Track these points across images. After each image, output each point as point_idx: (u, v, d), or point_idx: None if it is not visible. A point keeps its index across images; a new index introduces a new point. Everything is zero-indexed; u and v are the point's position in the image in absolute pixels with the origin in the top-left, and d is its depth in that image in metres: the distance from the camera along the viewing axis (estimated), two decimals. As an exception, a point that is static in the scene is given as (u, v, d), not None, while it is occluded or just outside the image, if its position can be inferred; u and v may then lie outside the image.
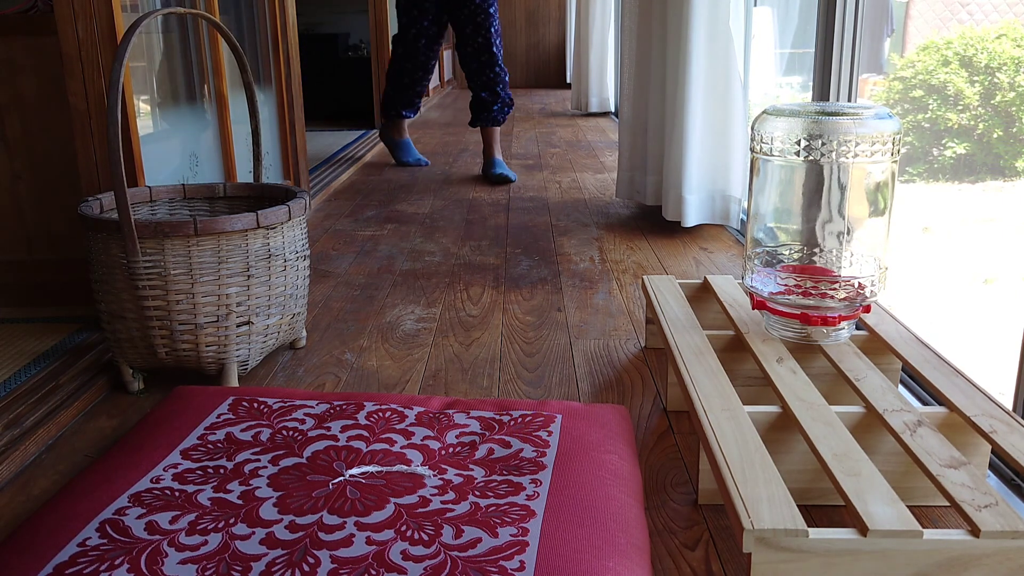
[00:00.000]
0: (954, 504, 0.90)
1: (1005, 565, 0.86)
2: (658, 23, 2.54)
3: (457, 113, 6.67)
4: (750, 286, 1.35)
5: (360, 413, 1.28)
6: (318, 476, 1.10)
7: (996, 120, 5.15)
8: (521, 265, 2.29)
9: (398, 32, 3.62)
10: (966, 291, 3.52)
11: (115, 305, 1.44)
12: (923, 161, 5.33)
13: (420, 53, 3.60)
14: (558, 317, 1.87)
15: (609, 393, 1.49)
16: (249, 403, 1.32)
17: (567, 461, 1.13)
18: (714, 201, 2.54)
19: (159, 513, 1.02)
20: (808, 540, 0.86)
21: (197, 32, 2.24)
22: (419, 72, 3.68)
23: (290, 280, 1.55)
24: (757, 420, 1.10)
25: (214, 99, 2.37)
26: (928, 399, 1.38)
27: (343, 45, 7.03)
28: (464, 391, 1.51)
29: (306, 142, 3.22)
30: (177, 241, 1.39)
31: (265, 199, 1.72)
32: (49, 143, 1.85)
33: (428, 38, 3.57)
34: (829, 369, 1.33)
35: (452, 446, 1.18)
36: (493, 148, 3.61)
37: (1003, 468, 1.18)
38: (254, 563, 0.92)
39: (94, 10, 1.64)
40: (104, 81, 1.67)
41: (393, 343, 1.74)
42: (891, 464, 1.10)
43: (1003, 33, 5.20)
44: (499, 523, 0.99)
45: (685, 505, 1.14)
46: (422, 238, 2.61)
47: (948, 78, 5.21)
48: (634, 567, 0.93)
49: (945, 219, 4.73)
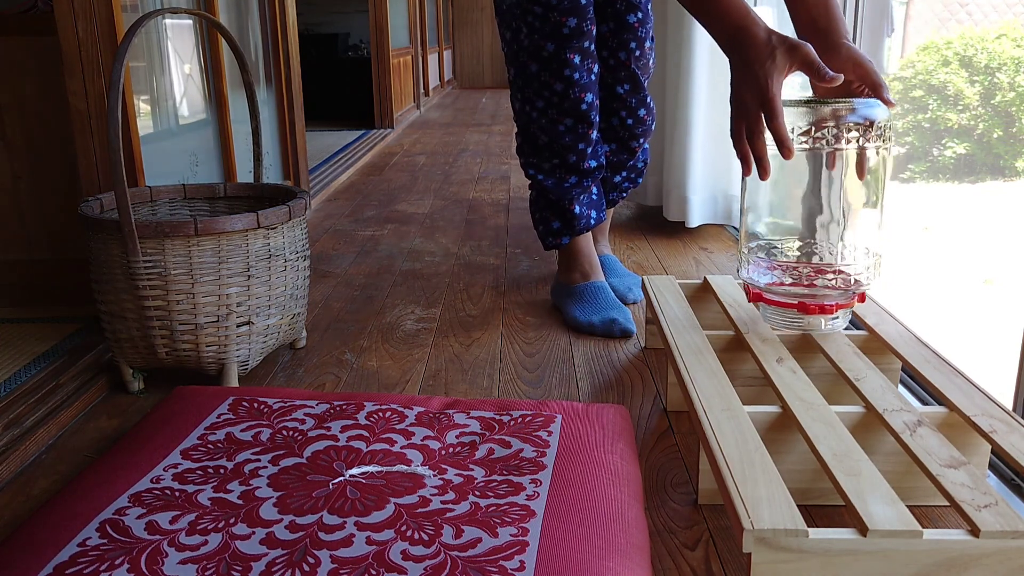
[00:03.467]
0: (954, 504, 0.90)
1: (1005, 565, 0.86)
2: (659, 22, 2.54)
3: (457, 113, 6.68)
4: (746, 278, 1.36)
5: (360, 413, 1.28)
6: (318, 476, 1.10)
7: (996, 120, 5.15)
8: (521, 265, 2.29)
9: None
10: (966, 291, 3.52)
11: (115, 305, 1.44)
12: (923, 161, 5.33)
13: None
14: (558, 317, 1.87)
15: (609, 393, 1.49)
16: (249, 403, 1.32)
17: (567, 461, 1.13)
18: (716, 201, 2.54)
19: (159, 513, 1.02)
20: (808, 540, 0.86)
21: (199, 32, 2.24)
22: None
23: (290, 280, 1.55)
24: (757, 420, 1.10)
25: (214, 99, 2.37)
26: (928, 399, 1.38)
27: (343, 45, 7.04)
28: (464, 391, 1.51)
29: (306, 142, 3.22)
30: (177, 241, 1.39)
31: (265, 199, 1.73)
32: (49, 143, 1.85)
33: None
34: (829, 369, 1.33)
35: (452, 446, 1.18)
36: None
37: (1003, 468, 1.18)
38: (254, 563, 0.92)
39: (94, 10, 1.64)
40: (104, 81, 1.67)
41: (393, 343, 1.74)
42: (891, 464, 1.10)
43: (1003, 33, 5.21)
44: (499, 523, 0.99)
45: (685, 505, 1.14)
46: (422, 238, 2.61)
47: (948, 78, 5.21)
48: (634, 567, 0.93)
49: (945, 219, 4.73)
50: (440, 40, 8.96)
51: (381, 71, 5.54)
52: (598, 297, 1.83)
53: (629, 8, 1.80)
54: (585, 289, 1.85)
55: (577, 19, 1.69)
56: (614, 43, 1.83)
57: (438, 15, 8.84)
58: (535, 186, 1.88)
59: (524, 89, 1.79)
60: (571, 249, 1.89)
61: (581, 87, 1.73)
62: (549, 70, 1.73)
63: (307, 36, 6.22)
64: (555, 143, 1.79)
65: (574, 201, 1.84)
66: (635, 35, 1.82)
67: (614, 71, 1.86)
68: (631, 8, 1.80)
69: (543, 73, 1.74)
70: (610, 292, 1.85)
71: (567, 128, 1.77)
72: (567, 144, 1.79)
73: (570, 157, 1.80)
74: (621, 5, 1.80)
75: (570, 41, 1.70)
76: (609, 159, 1.95)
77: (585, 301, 1.83)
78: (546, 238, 1.90)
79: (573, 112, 1.75)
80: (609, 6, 1.81)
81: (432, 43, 8.29)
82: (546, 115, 1.77)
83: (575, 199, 1.84)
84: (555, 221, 1.87)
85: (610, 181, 2.01)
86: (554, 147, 1.80)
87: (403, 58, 6.22)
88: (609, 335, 1.74)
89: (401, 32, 6.38)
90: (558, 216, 1.86)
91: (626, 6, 1.80)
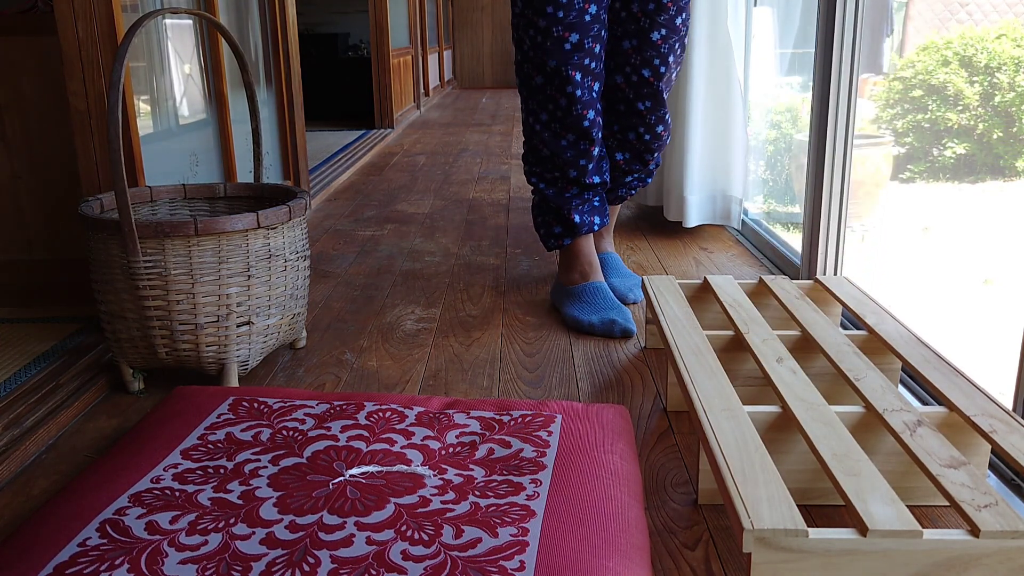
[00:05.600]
0: (954, 504, 0.90)
1: (1005, 565, 0.86)
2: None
3: (457, 113, 6.68)
4: None
5: (360, 413, 1.28)
6: (318, 476, 1.10)
7: (996, 120, 5.15)
8: (521, 265, 2.29)
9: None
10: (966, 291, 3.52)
11: (115, 305, 1.44)
12: (923, 161, 5.33)
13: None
14: (558, 317, 1.87)
15: (609, 393, 1.49)
16: (249, 403, 1.32)
17: (567, 461, 1.13)
18: (715, 201, 2.54)
19: (159, 513, 1.02)
20: (808, 540, 0.86)
21: (199, 32, 2.24)
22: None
23: (290, 280, 1.55)
24: (757, 420, 1.10)
25: (214, 99, 2.37)
26: (928, 399, 1.38)
27: (343, 45, 7.04)
28: (464, 391, 1.51)
29: (306, 142, 3.22)
30: (177, 241, 1.39)
31: (265, 199, 1.73)
32: (49, 143, 1.85)
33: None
34: (829, 369, 1.33)
35: (452, 446, 1.18)
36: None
37: (1003, 468, 1.18)
38: (254, 563, 0.92)
39: (94, 10, 1.64)
40: (104, 81, 1.67)
41: (393, 343, 1.74)
42: (891, 464, 1.10)
43: (1003, 33, 5.20)
44: (499, 523, 0.99)
45: (685, 505, 1.14)
46: (422, 238, 2.61)
47: (948, 78, 5.21)
48: (634, 567, 0.93)
49: (945, 219, 4.73)
50: (440, 40, 8.96)
51: (381, 71, 5.55)
52: (597, 297, 1.84)
53: (653, 25, 1.78)
54: (584, 290, 1.86)
55: (579, 35, 1.70)
56: (637, 60, 1.82)
57: (438, 15, 8.84)
58: (537, 193, 1.90)
59: (528, 101, 1.81)
60: (571, 250, 1.90)
61: (583, 104, 1.74)
62: (552, 85, 1.74)
63: (307, 36, 6.22)
64: (557, 157, 1.81)
65: (574, 211, 1.86)
66: (658, 52, 1.80)
67: (636, 87, 1.85)
68: (655, 25, 1.78)
69: (547, 87, 1.75)
70: (609, 292, 1.86)
71: (569, 143, 1.79)
72: (568, 159, 1.80)
73: (571, 172, 1.82)
74: (645, 22, 1.79)
75: (571, 57, 1.70)
76: (620, 166, 1.97)
77: (584, 301, 1.84)
78: (548, 240, 1.91)
79: (575, 128, 1.76)
80: (633, 23, 1.80)
81: (432, 43, 8.29)
82: (549, 128, 1.79)
83: (575, 209, 1.86)
84: (556, 226, 1.89)
85: (620, 180, 2.01)
86: (556, 160, 1.82)
87: (403, 58, 6.22)
88: (609, 335, 1.75)
89: (401, 32, 6.38)
90: (559, 222, 1.88)
91: (650, 23, 1.78)
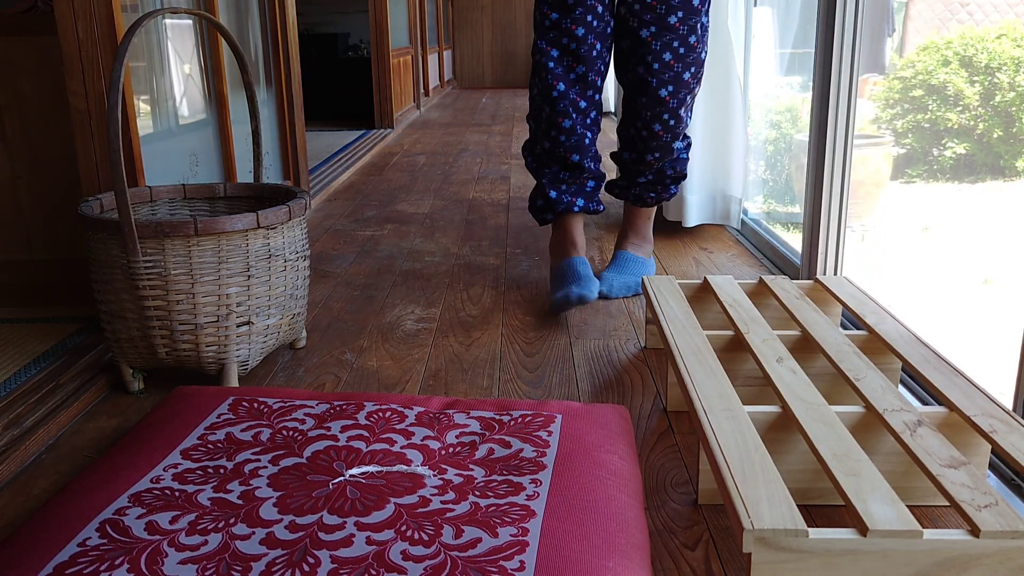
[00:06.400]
0: (954, 504, 0.90)
1: (1005, 565, 0.86)
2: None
3: (457, 113, 6.68)
4: None
5: (360, 413, 1.28)
6: (318, 476, 1.10)
7: (996, 120, 5.15)
8: (521, 265, 2.29)
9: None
10: (966, 291, 3.52)
11: (115, 305, 1.44)
12: (923, 161, 5.33)
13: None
14: (558, 317, 1.87)
15: (609, 393, 1.49)
16: (249, 403, 1.32)
17: (567, 461, 1.13)
18: (715, 201, 2.54)
19: (159, 513, 1.02)
20: (808, 540, 0.86)
21: (199, 32, 2.24)
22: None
23: (290, 280, 1.55)
24: (757, 420, 1.10)
25: (214, 99, 2.37)
26: (928, 399, 1.38)
27: (343, 45, 7.04)
28: (464, 391, 1.51)
29: (306, 142, 3.22)
30: (177, 241, 1.39)
31: (265, 199, 1.72)
32: (49, 143, 1.85)
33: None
34: (829, 369, 1.33)
35: (452, 446, 1.18)
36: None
37: (1003, 468, 1.17)
38: (254, 563, 0.92)
39: (94, 10, 1.64)
40: (104, 81, 1.67)
41: (393, 343, 1.74)
42: (891, 464, 1.10)
43: (1003, 33, 5.20)
44: (499, 523, 0.99)
45: (685, 505, 1.14)
46: (422, 238, 2.61)
47: (948, 78, 5.21)
48: (634, 567, 0.93)
49: (945, 219, 4.73)
50: (440, 40, 8.96)
51: (381, 71, 5.54)
52: (567, 273, 1.87)
53: (641, 24, 1.85)
54: (559, 267, 1.92)
55: (559, 14, 1.83)
56: (633, 59, 1.89)
57: (438, 15, 8.84)
58: (527, 167, 2.03)
59: (532, 74, 1.95)
60: (556, 230, 2.01)
61: (555, 76, 1.86)
62: (536, 58, 1.90)
63: (307, 36, 6.22)
64: (538, 129, 1.95)
65: (548, 187, 1.96)
66: (649, 49, 1.85)
67: (636, 86, 1.91)
68: (643, 24, 1.85)
69: (537, 55, 1.89)
70: (581, 268, 1.89)
71: (545, 116, 1.91)
72: (545, 131, 1.92)
73: (545, 143, 1.93)
74: (634, 22, 1.86)
75: (548, 33, 1.85)
76: (628, 164, 2.03)
77: (556, 278, 1.89)
78: (534, 213, 2.03)
79: (548, 100, 1.88)
80: (625, 23, 1.88)
81: (432, 43, 8.28)
82: (534, 101, 1.94)
83: (551, 185, 1.96)
84: (539, 199, 1.99)
85: (633, 179, 2.05)
86: (537, 135, 1.96)
87: (403, 58, 6.22)
88: (567, 304, 1.79)
89: (401, 32, 6.38)
90: (540, 195, 1.99)
91: (638, 22, 1.86)
